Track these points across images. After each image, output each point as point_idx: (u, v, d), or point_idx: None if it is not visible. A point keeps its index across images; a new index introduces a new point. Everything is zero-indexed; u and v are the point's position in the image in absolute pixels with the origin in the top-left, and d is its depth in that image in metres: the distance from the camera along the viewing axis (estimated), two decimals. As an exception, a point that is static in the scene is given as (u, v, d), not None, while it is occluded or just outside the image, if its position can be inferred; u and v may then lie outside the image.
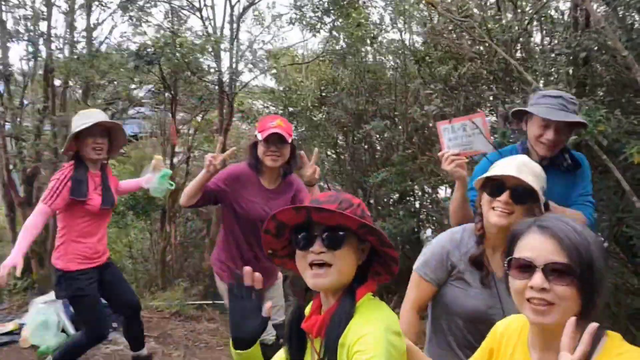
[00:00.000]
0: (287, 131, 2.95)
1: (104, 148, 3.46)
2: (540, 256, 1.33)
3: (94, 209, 3.42)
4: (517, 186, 1.90)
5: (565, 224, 1.37)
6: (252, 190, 3.05)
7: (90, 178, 3.44)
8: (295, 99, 6.59)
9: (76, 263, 3.41)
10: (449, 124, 2.59)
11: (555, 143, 2.50)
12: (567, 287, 1.30)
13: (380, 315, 1.48)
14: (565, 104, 2.51)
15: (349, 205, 1.53)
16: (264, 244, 1.65)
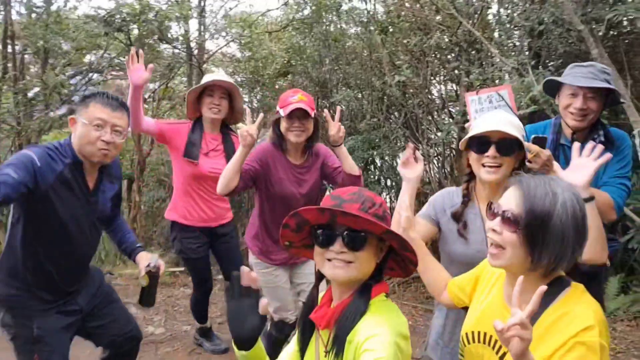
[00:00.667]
0: (309, 105, 2.86)
1: (221, 109, 3.44)
2: (504, 204, 1.49)
3: (206, 173, 3.45)
4: (501, 139, 1.96)
5: (542, 180, 1.48)
6: (280, 168, 2.97)
7: (203, 141, 3.48)
8: (260, 67, 6.60)
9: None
10: (476, 95, 2.62)
11: (584, 112, 2.45)
12: (512, 234, 1.45)
13: (391, 318, 1.49)
14: (595, 72, 2.47)
15: (371, 204, 1.53)
16: (281, 237, 1.65)
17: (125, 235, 2.75)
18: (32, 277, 2.37)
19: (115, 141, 2.31)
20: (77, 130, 2.31)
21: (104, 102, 2.31)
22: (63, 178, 2.29)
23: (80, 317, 2.57)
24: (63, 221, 2.32)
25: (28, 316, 2.39)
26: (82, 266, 2.56)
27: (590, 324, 1.37)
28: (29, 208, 2.28)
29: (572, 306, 1.44)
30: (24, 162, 2.17)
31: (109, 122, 2.28)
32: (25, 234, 2.32)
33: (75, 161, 2.32)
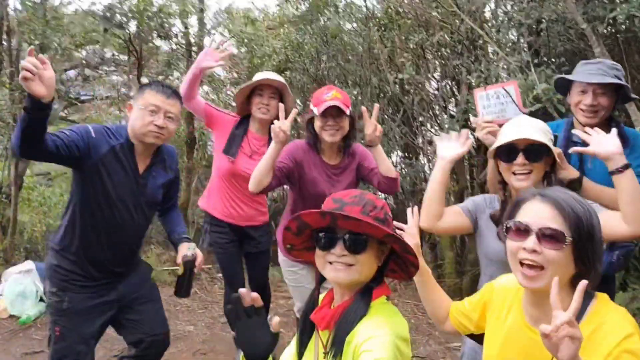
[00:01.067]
0: (344, 102, 2.75)
1: (270, 109, 3.34)
2: (536, 222, 1.42)
3: (241, 173, 3.37)
4: (528, 145, 1.97)
5: (567, 194, 1.47)
6: (313, 168, 2.90)
7: (247, 140, 3.40)
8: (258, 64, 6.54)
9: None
10: (485, 91, 2.61)
11: (595, 109, 2.45)
12: (557, 252, 1.39)
13: (391, 320, 1.50)
14: (605, 68, 2.48)
15: (372, 208, 1.54)
16: (282, 240, 1.67)
17: (176, 226, 2.85)
18: (83, 251, 2.51)
19: (167, 126, 2.47)
20: (133, 114, 2.49)
21: (159, 89, 2.48)
22: (114, 154, 2.45)
23: (117, 307, 2.65)
24: (111, 197, 2.45)
25: (64, 288, 2.51)
26: (130, 248, 2.67)
27: (631, 331, 1.36)
28: (82, 178, 2.44)
29: (604, 317, 1.41)
30: (80, 130, 2.39)
31: (163, 108, 2.44)
32: (81, 207, 2.46)
33: (127, 142, 2.49)
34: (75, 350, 2.51)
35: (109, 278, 2.59)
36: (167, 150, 2.71)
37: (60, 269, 2.52)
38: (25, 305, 4.35)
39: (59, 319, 2.51)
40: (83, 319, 2.52)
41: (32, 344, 4.05)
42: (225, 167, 3.39)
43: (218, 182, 3.50)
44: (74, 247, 2.49)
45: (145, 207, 2.60)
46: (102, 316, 2.59)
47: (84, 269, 2.51)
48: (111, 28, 4.63)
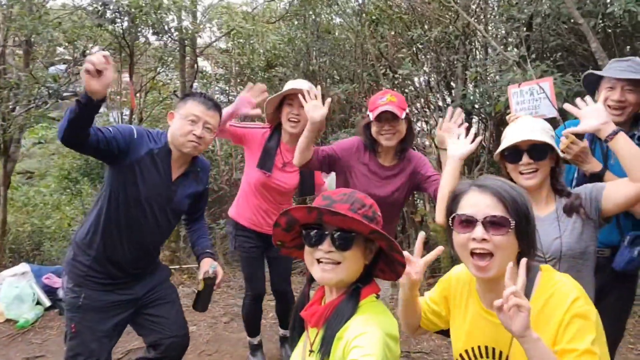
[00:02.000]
0: (400, 105, 2.73)
1: (300, 120, 3.22)
2: (480, 211, 1.51)
3: (275, 186, 3.37)
4: (531, 145, 2.04)
5: (500, 181, 1.58)
6: (364, 165, 2.90)
7: (279, 153, 3.35)
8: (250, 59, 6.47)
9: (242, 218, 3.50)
10: (518, 87, 2.63)
11: (623, 105, 2.45)
12: (504, 237, 1.49)
13: (381, 319, 1.52)
14: (634, 65, 2.49)
15: (360, 206, 1.56)
16: (273, 236, 1.67)
17: (200, 238, 2.90)
18: (104, 248, 2.52)
19: (205, 136, 2.53)
20: (173, 123, 2.55)
21: (201, 100, 2.55)
22: (152, 156, 2.50)
23: (134, 308, 2.65)
24: (141, 197, 2.49)
25: (81, 284, 2.53)
26: (148, 251, 2.67)
27: (576, 296, 1.47)
28: (115, 175, 2.48)
29: (552, 288, 1.52)
30: (124, 130, 2.45)
31: (202, 119, 2.51)
32: (109, 202, 2.48)
33: (165, 148, 2.54)
34: (88, 347, 2.51)
35: (127, 278, 2.61)
36: (201, 163, 2.75)
37: (80, 264, 2.53)
38: (22, 309, 4.25)
39: (75, 316, 2.52)
40: (98, 316, 2.53)
41: (32, 349, 3.96)
42: (259, 180, 3.36)
43: (248, 193, 3.46)
44: (96, 244, 2.52)
45: (170, 213, 2.63)
46: (118, 315, 2.59)
47: (102, 266, 2.53)
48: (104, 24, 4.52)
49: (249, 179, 3.43)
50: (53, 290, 4.55)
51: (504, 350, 1.59)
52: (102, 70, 2.03)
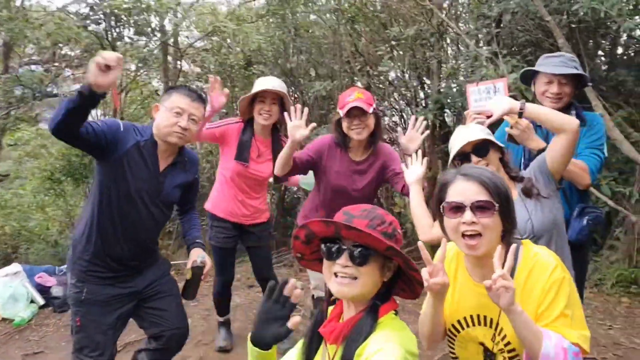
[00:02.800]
0: (367, 101, 2.91)
1: (272, 115, 3.49)
2: (467, 198, 1.70)
3: (251, 175, 3.56)
4: (474, 146, 2.26)
5: (481, 169, 1.79)
6: (337, 162, 3.07)
7: (254, 144, 3.55)
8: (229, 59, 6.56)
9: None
10: (476, 86, 2.83)
11: (560, 96, 2.75)
12: (490, 218, 1.68)
13: (401, 335, 1.52)
14: (566, 60, 2.81)
15: (380, 222, 1.57)
16: (292, 248, 1.71)
17: (191, 228, 2.96)
18: (102, 244, 2.58)
19: (190, 127, 2.57)
20: (159, 115, 2.59)
21: (185, 93, 2.60)
22: (138, 149, 2.54)
23: (136, 300, 2.72)
24: (130, 190, 2.54)
25: (83, 279, 2.59)
26: (146, 243, 2.72)
27: (554, 264, 1.72)
28: (104, 170, 2.52)
29: (533, 258, 1.75)
30: (111, 123, 2.50)
31: (187, 111, 2.56)
32: (100, 198, 2.54)
33: (151, 140, 2.58)
34: (94, 340, 2.59)
35: (127, 271, 2.67)
36: (189, 155, 2.81)
37: (81, 261, 2.60)
38: (17, 308, 4.31)
39: (79, 310, 2.60)
40: (101, 309, 2.60)
41: (30, 345, 4.03)
42: (236, 171, 3.56)
43: (224, 185, 3.65)
44: (93, 240, 2.57)
45: (162, 204, 2.68)
46: (121, 308, 2.66)
47: (102, 260, 2.59)
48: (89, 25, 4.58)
49: (225, 172, 3.63)
50: (46, 289, 4.62)
51: (494, 317, 1.78)
52: (112, 67, 2.10)
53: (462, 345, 1.91)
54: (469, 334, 1.86)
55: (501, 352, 1.79)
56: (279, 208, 7.31)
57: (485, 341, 1.83)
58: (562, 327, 1.64)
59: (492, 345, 1.80)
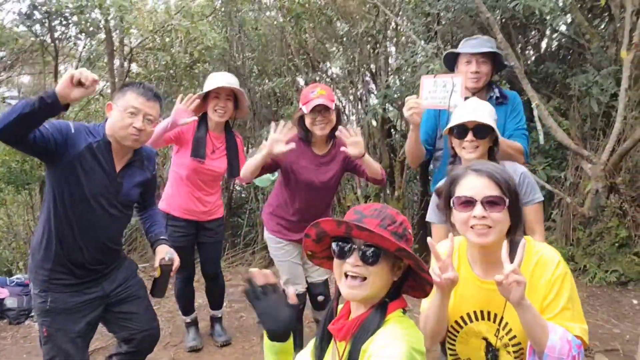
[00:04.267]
0: (329, 98, 3.00)
1: (226, 111, 3.51)
2: (478, 193, 1.73)
3: (207, 171, 3.58)
4: (477, 125, 2.36)
5: (492, 165, 1.82)
6: (303, 159, 3.13)
7: (209, 140, 3.53)
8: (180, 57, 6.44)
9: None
10: (434, 78, 2.88)
11: (479, 75, 2.98)
12: (500, 213, 1.71)
13: (408, 333, 1.51)
14: (482, 42, 3.05)
15: (391, 222, 1.57)
16: (304, 246, 1.71)
17: (154, 225, 2.87)
18: (62, 250, 2.48)
19: (146, 128, 2.47)
20: (112, 115, 2.47)
21: (140, 91, 2.46)
22: (91, 151, 2.43)
23: (103, 305, 2.63)
24: (86, 194, 2.43)
25: (46, 288, 2.49)
26: (107, 245, 2.62)
27: (557, 259, 1.78)
28: (56, 174, 2.41)
29: (537, 253, 1.80)
30: (60, 125, 2.36)
31: (142, 111, 2.44)
32: (55, 204, 2.43)
33: (104, 140, 2.47)
34: (63, 349, 2.50)
35: (92, 275, 2.58)
36: (145, 151, 2.71)
37: (41, 270, 2.50)
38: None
39: (45, 320, 2.51)
40: (67, 317, 2.51)
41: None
42: (192, 167, 3.55)
43: (179, 183, 3.64)
44: (52, 247, 2.47)
45: (120, 205, 2.59)
46: (88, 315, 2.57)
47: (64, 267, 2.50)
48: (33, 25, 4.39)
49: (180, 169, 3.63)
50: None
51: (498, 312, 1.81)
52: (85, 85, 2.08)
53: (463, 341, 1.92)
54: (472, 329, 1.88)
55: (505, 347, 1.82)
56: (227, 208, 7.30)
57: (489, 336, 1.85)
58: (564, 320, 1.70)
59: (496, 340, 1.83)
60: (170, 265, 2.69)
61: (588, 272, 5.16)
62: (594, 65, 5.71)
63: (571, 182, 5.50)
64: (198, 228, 3.74)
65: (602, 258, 5.15)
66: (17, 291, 4.53)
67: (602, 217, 5.20)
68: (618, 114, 5.00)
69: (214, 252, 3.91)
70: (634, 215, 5.14)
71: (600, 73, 5.48)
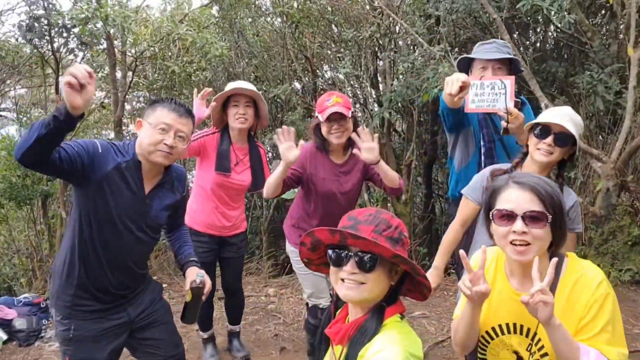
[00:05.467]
0: (346, 105, 2.93)
1: (247, 118, 3.40)
2: (519, 206, 1.64)
3: (232, 184, 3.48)
4: (560, 132, 2.25)
5: (538, 178, 1.71)
6: (322, 169, 3.08)
7: (232, 153, 3.44)
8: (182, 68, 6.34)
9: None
10: (479, 80, 2.76)
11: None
12: (542, 230, 1.63)
13: (405, 338, 1.50)
14: (498, 47, 2.97)
15: (386, 227, 1.55)
16: (300, 253, 1.70)
17: (183, 246, 2.75)
18: (86, 274, 2.35)
19: (177, 146, 2.35)
20: (142, 132, 2.35)
21: (171, 107, 2.35)
22: (120, 171, 2.30)
23: (128, 331, 2.51)
24: (113, 216, 2.31)
25: (68, 315, 2.37)
26: (133, 270, 2.49)
27: (600, 279, 1.69)
28: (83, 195, 2.28)
29: (579, 271, 1.72)
30: (87, 144, 2.23)
31: (174, 127, 2.33)
32: (80, 226, 2.31)
33: (134, 160, 2.35)
34: None
35: (116, 301, 2.45)
36: (176, 171, 2.58)
37: (64, 295, 2.37)
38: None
39: (68, 349, 2.39)
40: (92, 346, 2.38)
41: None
42: (217, 182, 3.45)
43: (203, 198, 3.54)
44: (75, 271, 2.34)
45: (148, 228, 2.46)
46: (113, 342, 2.44)
47: (88, 292, 2.37)
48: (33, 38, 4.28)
49: (204, 184, 3.52)
50: (7, 322, 4.29)
51: (532, 327, 1.73)
52: (85, 84, 1.88)
53: (494, 353, 1.86)
54: (504, 341, 1.82)
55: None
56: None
57: (520, 350, 1.79)
58: (601, 344, 1.62)
59: (528, 355, 1.77)
60: (202, 288, 2.55)
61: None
62: (596, 63, 5.70)
63: (581, 182, 5.48)
64: (221, 243, 3.63)
65: (616, 257, 5.13)
66: (26, 311, 4.41)
67: (614, 216, 5.17)
68: (627, 111, 4.97)
69: (236, 267, 3.81)
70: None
71: (604, 71, 5.46)
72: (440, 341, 4.08)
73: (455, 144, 3.22)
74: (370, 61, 5.95)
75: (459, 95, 2.56)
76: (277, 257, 6.83)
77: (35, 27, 4.26)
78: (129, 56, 5.62)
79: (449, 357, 3.87)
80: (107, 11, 3.99)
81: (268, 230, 7.04)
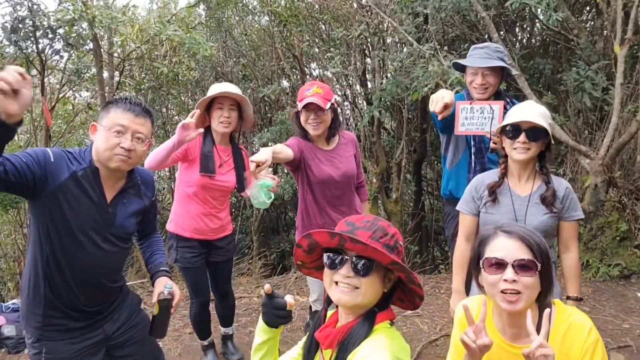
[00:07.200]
0: (326, 97, 2.94)
1: (231, 121, 3.35)
2: (509, 255, 1.67)
3: (216, 186, 3.42)
4: (530, 128, 2.28)
5: (524, 227, 1.76)
6: (315, 155, 3.08)
7: (216, 154, 3.38)
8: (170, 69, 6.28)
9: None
10: (469, 104, 2.85)
11: (485, 86, 2.94)
12: (532, 278, 1.65)
13: (393, 344, 1.51)
14: (490, 52, 2.97)
15: (383, 234, 1.56)
16: (294, 256, 1.70)
17: (154, 254, 2.58)
18: (52, 293, 2.19)
19: (136, 148, 2.16)
20: (97, 136, 2.17)
21: (126, 107, 2.17)
22: (76, 180, 2.12)
23: (104, 348, 2.35)
24: (73, 229, 2.13)
25: (40, 337, 2.21)
26: (103, 284, 2.31)
27: (589, 326, 1.73)
28: (38, 208, 2.11)
29: (567, 320, 1.74)
30: (37, 153, 2.05)
31: (130, 129, 2.14)
32: (40, 240, 2.14)
33: (91, 167, 2.16)
34: None
35: (91, 318, 2.29)
36: (142, 175, 2.40)
37: (34, 315, 2.21)
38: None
39: None
40: None
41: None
42: (201, 183, 3.39)
43: (187, 201, 3.47)
44: (42, 289, 2.17)
45: (115, 238, 2.27)
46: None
47: (58, 310, 2.21)
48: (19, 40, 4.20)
49: (187, 187, 3.44)
50: (-5, 330, 4.23)
51: None
52: (19, 89, 1.67)
53: None
54: None
55: None
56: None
57: None
58: None
59: None
60: (171, 300, 2.36)
61: (591, 266, 5.19)
62: (583, 60, 5.74)
63: (570, 178, 5.53)
64: (209, 247, 3.57)
65: (604, 252, 5.19)
66: (14, 317, 4.34)
67: (602, 212, 5.23)
68: (614, 108, 5.03)
69: (225, 270, 3.75)
70: (633, 209, 5.19)
71: (591, 68, 5.51)
72: (434, 340, 4.08)
73: (448, 144, 3.24)
74: (359, 60, 5.94)
75: (443, 114, 2.67)
76: (267, 257, 6.81)
77: (20, 28, 4.19)
78: (116, 57, 5.54)
79: (443, 356, 3.88)
80: (94, 13, 3.92)
81: (259, 230, 7.02)
